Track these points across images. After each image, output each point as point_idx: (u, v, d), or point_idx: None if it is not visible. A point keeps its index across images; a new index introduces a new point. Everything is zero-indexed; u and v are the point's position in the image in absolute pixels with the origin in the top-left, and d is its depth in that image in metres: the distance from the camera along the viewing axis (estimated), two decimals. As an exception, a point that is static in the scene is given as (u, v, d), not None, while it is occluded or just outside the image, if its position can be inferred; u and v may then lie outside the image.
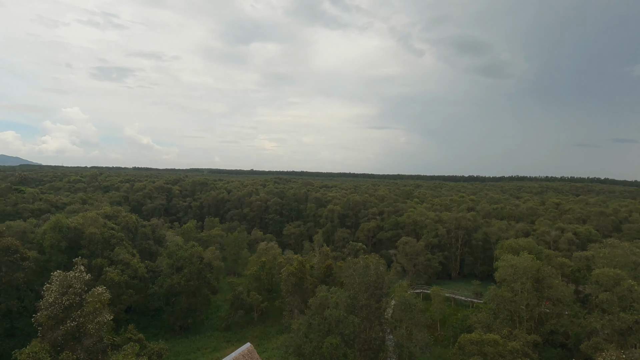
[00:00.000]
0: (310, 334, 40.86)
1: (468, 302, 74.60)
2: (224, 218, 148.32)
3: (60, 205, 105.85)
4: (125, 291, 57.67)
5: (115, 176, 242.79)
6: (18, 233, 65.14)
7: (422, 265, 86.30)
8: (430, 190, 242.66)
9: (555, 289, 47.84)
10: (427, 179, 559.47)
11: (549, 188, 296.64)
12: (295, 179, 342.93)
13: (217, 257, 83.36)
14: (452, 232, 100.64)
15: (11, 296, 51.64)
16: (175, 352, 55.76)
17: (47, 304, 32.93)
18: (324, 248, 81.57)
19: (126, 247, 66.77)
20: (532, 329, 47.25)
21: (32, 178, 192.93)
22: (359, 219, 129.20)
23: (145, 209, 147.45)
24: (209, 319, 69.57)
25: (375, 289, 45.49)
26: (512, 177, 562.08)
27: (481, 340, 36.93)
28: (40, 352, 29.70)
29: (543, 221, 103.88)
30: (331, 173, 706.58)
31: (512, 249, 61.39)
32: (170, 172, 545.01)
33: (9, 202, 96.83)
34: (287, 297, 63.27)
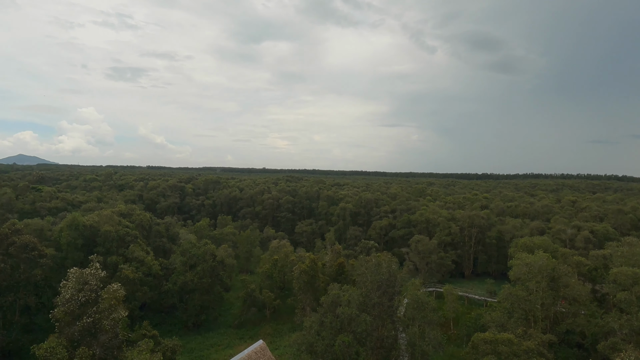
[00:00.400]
0: (323, 332, 40.87)
1: (481, 301, 73.85)
2: (237, 216, 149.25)
3: (77, 203, 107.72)
4: (140, 288, 58.45)
5: (129, 175, 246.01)
6: (36, 231, 66.48)
7: (434, 264, 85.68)
8: (443, 188, 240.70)
9: (572, 288, 46.98)
10: (439, 176, 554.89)
11: (565, 185, 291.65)
12: (307, 177, 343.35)
13: (230, 255, 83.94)
14: (465, 230, 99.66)
15: (29, 292, 52.75)
16: (189, 348, 56.33)
17: (64, 300, 33.57)
18: (336, 246, 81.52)
19: (140, 244, 67.65)
20: (548, 329, 46.54)
21: (49, 177, 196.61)
22: (371, 217, 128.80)
23: (159, 207, 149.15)
24: (221, 316, 70.12)
25: (387, 287, 45.28)
26: (527, 175, 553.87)
27: (495, 339, 36.47)
28: (58, 347, 30.26)
29: (559, 219, 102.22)
30: (343, 171, 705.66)
31: (526, 248, 60.53)
32: (183, 170, 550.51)
33: (27, 201, 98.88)
34: (299, 295, 63.41)
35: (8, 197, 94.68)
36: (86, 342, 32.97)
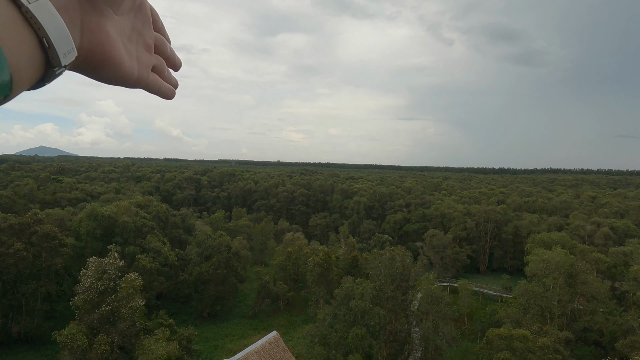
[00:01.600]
0: (336, 324, 41.09)
1: (497, 297, 73.08)
2: (251, 208, 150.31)
3: (95, 194, 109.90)
4: (157, 278, 59.53)
5: (146, 167, 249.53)
6: (57, 220, 68.04)
7: (449, 259, 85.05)
8: (459, 183, 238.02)
9: (590, 285, 46.19)
10: (455, 171, 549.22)
11: (585, 181, 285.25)
12: (322, 170, 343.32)
13: (245, 247, 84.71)
14: (481, 225, 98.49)
15: (51, 280, 54.23)
16: (204, 337, 57.26)
17: (83, 289, 34.45)
18: (350, 239, 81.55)
19: (157, 235, 68.78)
20: (564, 326, 45.87)
21: (69, 168, 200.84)
22: (385, 210, 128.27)
23: (175, 199, 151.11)
24: (236, 307, 70.99)
25: (401, 281, 45.20)
26: (545, 170, 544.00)
27: (510, 335, 36.15)
28: (78, 334, 31.12)
29: (577, 215, 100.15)
30: (357, 165, 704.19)
31: (544, 243, 59.62)
32: (199, 163, 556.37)
33: (49, 191, 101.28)
34: (313, 287, 63.75)
35: (30, 188, 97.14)
36: (105, 329, 33.82)
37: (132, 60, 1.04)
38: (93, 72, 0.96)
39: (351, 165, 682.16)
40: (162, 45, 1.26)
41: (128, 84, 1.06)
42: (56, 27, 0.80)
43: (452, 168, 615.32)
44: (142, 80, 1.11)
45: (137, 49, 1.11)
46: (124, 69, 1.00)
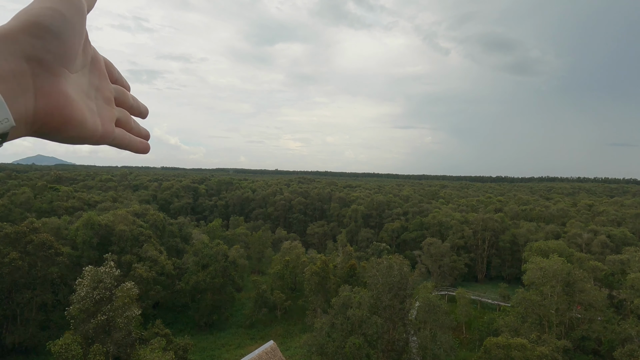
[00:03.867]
0: (333, 334, 40.87)
1: (495, 305, 72.89)
2: (249, 217, 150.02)
3: (92, 203, 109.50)
4: (153, 287, 59.15)
5: (144, 175, 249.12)
6: (53, 229, 67.68)
7: (447, 267, 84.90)
8: (456, 191, 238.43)
9: (587, 293, 46.17)
10: (453, 179, 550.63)
11: (581, 189, 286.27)
12: (319, 178, 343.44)
13: (242, 256, 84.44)
14: (478, 233, 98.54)
15: (46, 290, 53.78)
16: (201, 347, 56.79)
17: (79, 298, 34.22)
18: (348, 248, 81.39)
19: (154, 244, 68.49)
20: (562, 334, 45.77)
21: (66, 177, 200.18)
22: (383, 219, 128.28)
23: (173, 208, 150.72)
24: (233, 316, 70.54)
25: (399, 290, 45.09)
26: (542, 178, 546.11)
27: (508, 344, 36.02)
28: (73, 344, 30.84)
29: (574, 223, 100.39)
30: (355, 173, 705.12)
31: (541, 252, 59.67)
32: (197, 171, 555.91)
33: (45, 200, 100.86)
34: (310, 296, 63.46)
35: (27, 196, 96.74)
36: (100, 339, 33.53)
37: (94, 117, 0.99)
38: (56, 135, 0.91)
39: (349, 174, 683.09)
40: (123, 96, 1.20)
41: (93, 141, 1.01)
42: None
43: (449, 176, 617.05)
44: (108, 135, 1.05)
45: (98, 104, 1.05)
46: (87, 128, 0.95)
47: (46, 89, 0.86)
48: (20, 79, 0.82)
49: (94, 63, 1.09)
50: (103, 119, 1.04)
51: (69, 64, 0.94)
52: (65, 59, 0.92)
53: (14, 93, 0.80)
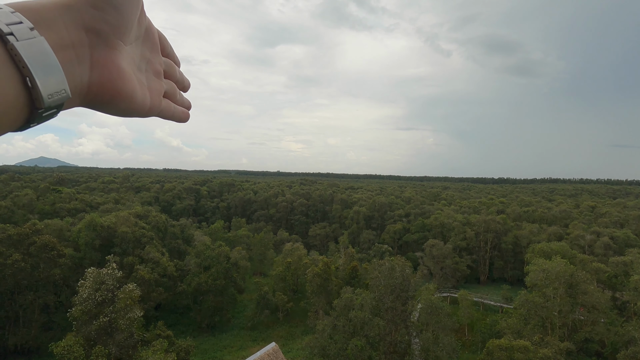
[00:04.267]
0: (335, 336, 40.81)
1: (497, 307, 72.68)
2: (251, 219, 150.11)
3: (95, 204, 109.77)
4: (155, 289, 59.22)
5: (146, 177, 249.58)
6: (55, 231, 67.87)
7: (449, 269, 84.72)
8: (458, 192, 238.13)
9: (590, 295, 45.97)
10: (455, 180, 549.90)
11: (584, 190, 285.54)
12: (321, 180, 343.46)
13: (244, 257, 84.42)
14: (480, 235, 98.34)
15: (48, 291, 53.92)
16: (203, 349, 56.79)
17: (81, 300, 34.26)
18: (350, 249, 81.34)
19: (156, 246, 68.58)
20: (565, 336, 45.60)
21: (69, 179, 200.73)
22: (385, 220, 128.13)
23: (175, 209, 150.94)
24: (235, 318, 70.52)
25: (400, 292, 45.00)
26: (545, 179, 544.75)
27: (511, 346, 35.89)
28: (75, 345, 30.87)
29: (577, 225, 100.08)
30: (357, 174, 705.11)
31: (543, 253, 59.49)
32: (199, 173, 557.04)
33: (48, 202, 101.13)
34: (312, 298, 63.40)
35: (29, 198, 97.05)
36: (102, 340, 33.55)
37: (144, 91, 1.02)
38: (105, 107, 0.94)
39: (350, 175, 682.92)
40: (172, 70, 1.24)
41: (141, 114, 1.04)
42: (45, 67, 0.76)
43: (451, 178, 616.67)
44: (155, 109, 1.08)
45: (147, 77, 1.09)
46: (136, 102, 0.97)
47: (102, 60, 0.88)
48: (78, 49, 0.83)
49: (147, 35, 1.11)
50: (152, 92, 1.07)
51: (125, 37, 0.96)
52: (122, 32, 0.94)
53: (72, 63, 0.82)
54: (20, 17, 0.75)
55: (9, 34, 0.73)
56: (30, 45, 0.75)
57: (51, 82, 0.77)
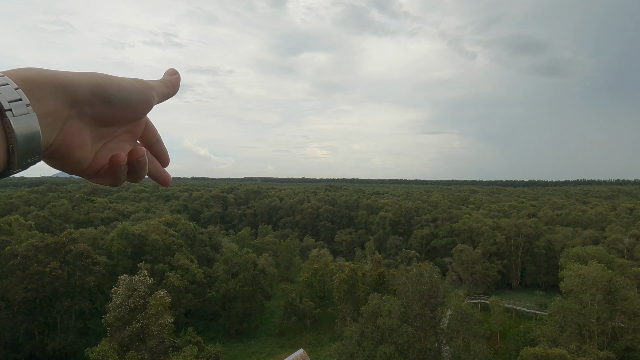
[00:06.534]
0: (363, 343, 40.46)
1: (531, 314, 70.33)
2: (277, 225, 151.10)
3: (126, 213, 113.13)
4: (185, 295, 60.33)
5: (175, 186, 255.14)
6: (90, 239, 70.28)
7: (479, 274, 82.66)
8: (487, 196, 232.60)
9: (631, 302, 43.90)
10: (483, 184, 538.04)
11: (621, 192, 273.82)
12: (346, 186, 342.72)
13: (271, 264, 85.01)
14: (511, 239, 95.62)
15: (84, 298, 55.79)
16: (232, 355, 57.32)
17: (114, 306, 35.27)
18: (376, 255, 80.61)
19: (185, 253, 69.97)
20: (605, 345, 43.64)
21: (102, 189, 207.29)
22: (412, 225, 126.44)
23: (203, 217, 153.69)
24: (263, 324, 70.92)
25: (429, 298, 44.24)
26: (578, 181, 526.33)
27: (546, 354, 34.62)
28: (109, 350, 31.77)
29: (614, 228, 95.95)
30: (382, 180, 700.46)
31: (579, 258, 57.32)
32: (225, 181, 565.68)
33: (82, 211, 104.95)
34: (339, 305, 63.09)
35: (65, 208, 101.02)
36: (135, 346, 34.38)
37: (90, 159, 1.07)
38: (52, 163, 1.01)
39: (376, 181, 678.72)
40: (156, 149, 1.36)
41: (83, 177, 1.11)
42: (28, 138, 0.86)
43: (479, 181, 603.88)
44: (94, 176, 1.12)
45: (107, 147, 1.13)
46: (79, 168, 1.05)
47: (70, 131, 0.96)
48: (57, 117, 0.92)
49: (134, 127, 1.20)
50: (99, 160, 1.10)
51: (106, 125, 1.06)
52: (103, 124, 1.04)
53: (47, 129, 0.91)
54: (21, 94, 0.85)
55: (8, 110, 0.83)
56: (23, 120, 0.84)
57: (29, 150, 0.87)
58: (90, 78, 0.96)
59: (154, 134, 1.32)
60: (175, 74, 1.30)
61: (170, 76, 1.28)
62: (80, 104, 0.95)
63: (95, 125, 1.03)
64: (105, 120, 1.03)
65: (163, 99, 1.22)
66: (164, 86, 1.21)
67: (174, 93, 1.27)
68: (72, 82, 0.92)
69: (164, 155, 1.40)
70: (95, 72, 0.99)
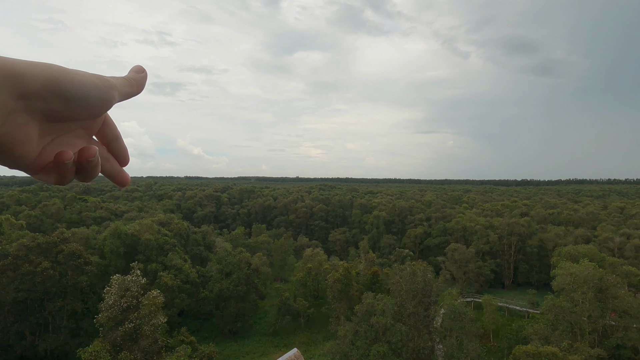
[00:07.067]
0: (357, 342, 40.53)
1: (523, 312, 70.92)
2: (271, 225, 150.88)
3: (119, 213, 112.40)
4: (178, 295, 60.07)
5: (168, 185, 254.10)
6: (82, 239, 69.73)
7: (472, 273, 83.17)
8: (480, 195, 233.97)
9: (621, 300, 44.42)
10: (476, 183, 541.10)
11: (612, 191, 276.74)
12: (340, 185, 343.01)
13: (265, 263, 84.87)
14: (504, 238, 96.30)
15: (76, 298, 55.36)
16: (225, 355, 57.17)
17: (107, 306, 35.04)
18: (370, 254, 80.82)
19: (179, 252, 69.66)
20: (596, 343, 44.09)
21: (94, 188, 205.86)
22: (405, 225, 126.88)
23: (196, 216, 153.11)
24: (257, 324, 70.82)
25: (423, 297, 44.43)
26: (570, 180, 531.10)
27: (538, 352, 34.91)
28: (102, 351, 31.54)
29: (606, 226, 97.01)
30: (376, 179, 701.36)
31: (570, 256, 57.84)
32: (219, 180, 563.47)
33: (74, 211, 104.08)
34: (333, 304, 63.19)
35: (57, 208, 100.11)
36: (128, 346, 34.19)
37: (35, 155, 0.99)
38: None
39: (370, 180, 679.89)
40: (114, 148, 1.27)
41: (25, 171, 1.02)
42: None
43: (472, 180, 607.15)
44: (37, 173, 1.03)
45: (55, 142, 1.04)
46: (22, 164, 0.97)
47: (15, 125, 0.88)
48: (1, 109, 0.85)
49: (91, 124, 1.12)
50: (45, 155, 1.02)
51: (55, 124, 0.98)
52: (55, 120, 0.95)
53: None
54: None
55: None
56: None
57: None
58: (45, 71, 0.88)
59: (113, 130, 1.23)
60: (142, 72, 1.21)
61: (137, 74, 1.18)
62: (30, 97, 0.87)
63: (46, 121, 0.94)
64: (57, 117, 0.94)
65: (125, 98, 1.12)
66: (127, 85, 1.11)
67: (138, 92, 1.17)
68: (22, 73, 0.84)
69: (123, 153, 1.31)
70: (52, 64, 0.90)
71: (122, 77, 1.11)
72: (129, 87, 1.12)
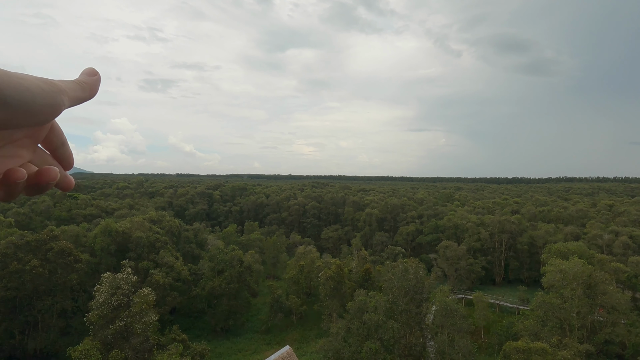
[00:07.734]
0: (349, 339, 40.65)
1: (514, 309, 71.63)
2: (263, 222, 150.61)
3: (110, 210, 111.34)
4: (170, 293, 59.73)
5: (160, 182, 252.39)
6: (72, 237, 68.97)
7: (464, 270, 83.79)
8: (472, 193, 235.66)
9: (610, 296, 45.05)
10: (468, 181, 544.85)
11: (601, 189, 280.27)
12: (333, 183, 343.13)
13: (257, 261, 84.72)
14: (495, 235, 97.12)
15: (66, 296, 54.80)
16: (217, 353, 57.02)
17: (98, 304, 34.74)
18: (362, 252, 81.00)
19: (170, 250, 69.22)
20: (585, 338, 44.68)
21: (84, 185, 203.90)
22: (398, 222, 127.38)
23: (188, 214, 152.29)
24: (249, 322, 70.72)
25: (415, 294, 44.66)
26: (560, 178, 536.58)
27: (528, 348, 35.29)
28: (92, 349, 31.29)
29: (595, 224, 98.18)
30: (369, 177, 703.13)
31: (560, 254, 58.47)
32: (211, 178, 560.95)
33: (64, 208, 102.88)
34: (326, 301, 63.26)
35: (47, 205, 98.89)
36: (119, 345, 33.94)
37: None
38: None
39: (362, 178, 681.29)
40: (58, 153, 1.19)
41: None
42: None
43: (464, 178, 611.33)
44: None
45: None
46: None
47: None
48: None
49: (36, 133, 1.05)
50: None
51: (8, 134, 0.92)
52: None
53: None
54: None
55: None
56: None
57: None
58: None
59: (59, 137, 1.14)
60: (95, 74, 1.10)
61: (88, 77, 1.08)
62: None
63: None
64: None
65: (76, 103, 1.01)
66: (78, 89, 1.01)
67: (90, 97, 1.06)
68: None
69: (68, 159, 1.24)
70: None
71: (72, 81, 1.02)
72: (81, 91, 1.02)
